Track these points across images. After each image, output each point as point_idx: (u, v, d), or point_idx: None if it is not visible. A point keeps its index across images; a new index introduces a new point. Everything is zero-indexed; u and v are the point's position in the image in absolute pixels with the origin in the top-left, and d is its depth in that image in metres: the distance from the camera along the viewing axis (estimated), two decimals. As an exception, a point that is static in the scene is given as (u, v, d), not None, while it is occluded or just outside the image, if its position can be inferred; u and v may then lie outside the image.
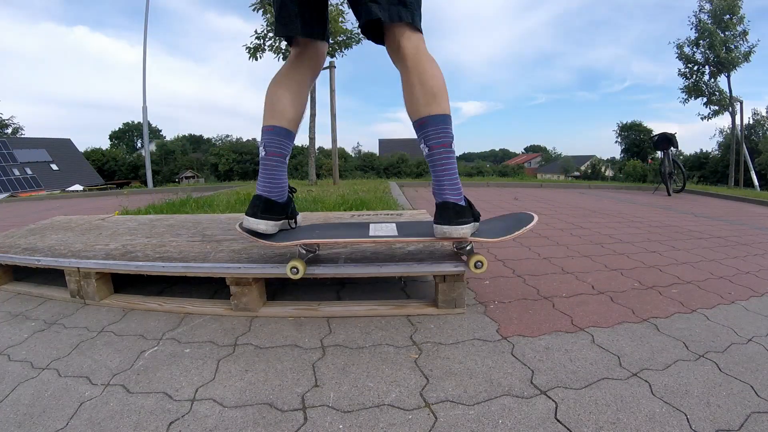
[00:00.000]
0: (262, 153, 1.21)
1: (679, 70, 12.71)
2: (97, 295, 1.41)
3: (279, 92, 1.22)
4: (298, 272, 1.18)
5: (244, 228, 1.21)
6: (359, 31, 6.51)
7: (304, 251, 1.23)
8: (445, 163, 1.13)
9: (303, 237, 1.20)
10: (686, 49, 12.48)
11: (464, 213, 1.13)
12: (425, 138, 1.13)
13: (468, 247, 1.22)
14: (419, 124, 1.14)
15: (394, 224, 1.35)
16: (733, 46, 11.68)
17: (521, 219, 1.28)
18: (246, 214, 1.20)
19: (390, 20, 1.12)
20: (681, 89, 12.73)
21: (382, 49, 1.25)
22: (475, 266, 1.16)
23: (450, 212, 1.11)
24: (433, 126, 1.11)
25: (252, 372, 0.97)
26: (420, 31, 1.18)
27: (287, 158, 1.25)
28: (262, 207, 1.19)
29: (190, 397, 0.88)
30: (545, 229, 2.73)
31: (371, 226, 1.33)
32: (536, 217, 1.26)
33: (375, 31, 1.20)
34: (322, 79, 10.68)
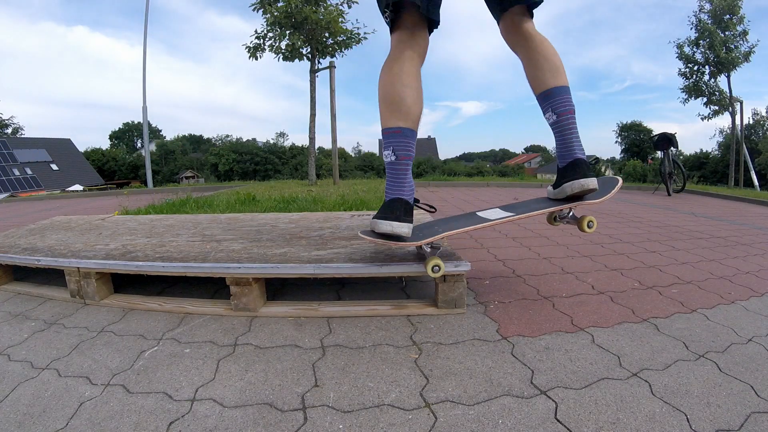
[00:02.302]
0: (391, 158, 1.16)
1: (679, 70, 12.72)
2: (97, 295, 1.41)
3: (402, 89, 1.16)
4: (439, 270, 1.16)
5: (381, 233, 1.14)
6: (359, 31, 6.43)
7: (428, 249, 1.22)
8: (573, 127, 1.25)
9: (428, 234, 1.18)
10: (686, 49, 12.49)
11: (590, 168, 1.27)
12: (552, 106, 1.25)
13: (570, 213, 1.36)
14: (546, 95, 1.26)
15: (498, 208, 1.40)
16: (733, 46, 11.68)
17: (608, 182, 1.40)
18: (381, 219, 1.14)
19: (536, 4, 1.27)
20: (681, 89, 12.74)
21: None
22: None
23: (584, 166, 1.24)
24: (559, 95, 1.24)
25: (252, 372, 0.97)
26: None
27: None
28: (403, 210, 1.16)
29: (190, 397, 0.88)
30: (545, 229, 2.73)
31: (479, 214, 1.36)
32: (620, 180, 1.40)
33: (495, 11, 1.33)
34: (322, 79, 10.67)
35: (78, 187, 23.91)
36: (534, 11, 1.31)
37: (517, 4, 1.27)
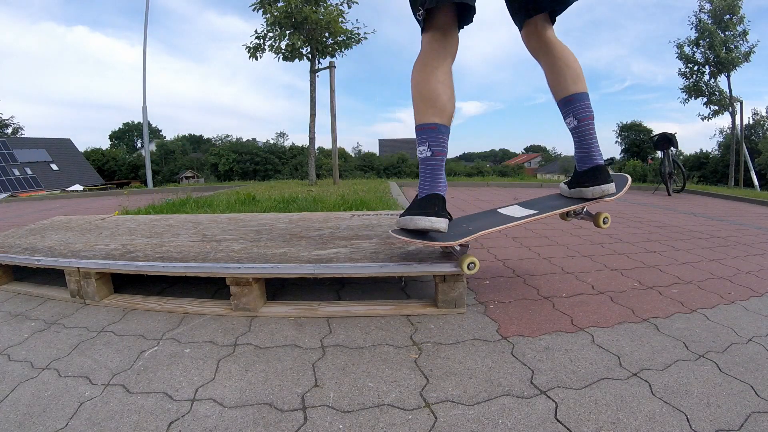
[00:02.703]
0: (426, 153, 1.16)
1: (679, 70, 12.73)
2: (97, 295, 1.41)
3: (437, 86, 1.16)
4: (474, 266, 1.16)
5: (419, 229, 1.14)
6: (359, 31, 6.44)
7: (458, 248, 1.22)
8: (592, 133, 1.30)
9: (458, 233, 1.19)
10: (686, 49, 12.49)
11: (609, 173, 1.33)
12: (574, 112, 1.29)
13: (584, 210, 1.42)
14: (568, 101, 1.30)
15: (517, 205, 1.43)
16: (733, 46, 11.69)
17: (618, 179, 1.45)
18: (419, 215, 1.14)
19: (559, 11, 1.32)
20: (681, 89, 12.74)
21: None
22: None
23: (605, 173, 1.31)
24: (580, 102, 1.28)
25: (252, 372, 0.97)
26: None
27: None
28: (441, 205, 1.16)
29: (190, 397, 0.88)
30: (545, 229, 2.73)
31: (501, 211, 1.39)
32: (630, 178, 1.45)
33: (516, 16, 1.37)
34: (322, 79, 10.67)
35: (78, 187, 23.91)
36: (556, 18, 1.36)
37: (542, 12, 1.31)
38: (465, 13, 1.22)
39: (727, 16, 11.61)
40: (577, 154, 1.36)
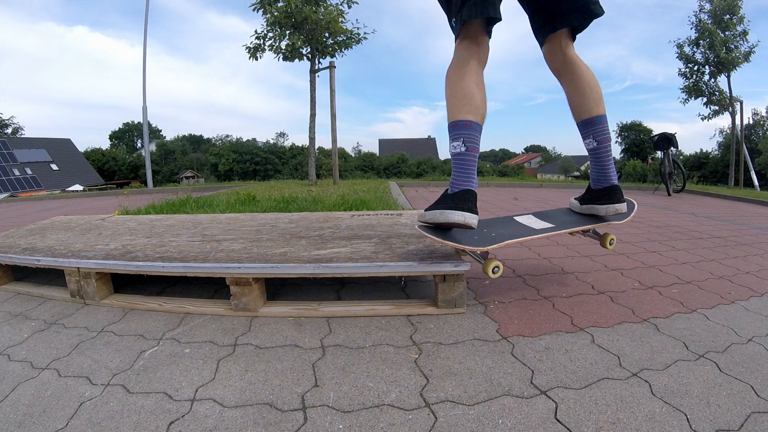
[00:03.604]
0: (461, 149, 1.17)
1: (679, 70, 12.74)
2: (97, 295, 1.41)
3: (472, 86, 1.20)
4: (499, 270, 1.19)
5: (451, 221, 1.15)
6: (359, 31, 6.43)
7: (479, 252, 1.23)
8: (610, 154, 1.37)
9: (482, 237, 1.22)
10: (686, 49, 12.50)
11: (622, 192, 1.41)
12: (594, 133, 1.35)
13: (592, 230, 1.47)
14: (589, 122, 1.35)
15: (531, 215, 1.48)
16: (733, 46, 11.70)
17: (628, 204, 1.52)
18: (452, 209, 1.15)
19: (582, 27, 1.34)
20: (681, 89, 12.76)
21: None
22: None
23: (618, 192, 1.38)
24: (600, 124, 1.34)
25: (252, 372, 0.97)
26: None
27: None
28: (473, 201, 1.17)
29: (190, 397, 0.88)
30: (545, 229, 2.73)
31: (518, 219, 1.43)
32: (636, 204, 1.53)
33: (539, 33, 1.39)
34: (322, 80, 10.67)
35: (78, 187, 23.92)
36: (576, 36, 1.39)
37: (565, 27, 1.33)
38: (492, 22, 1.27)
39: (727, 16, 11.63)
40: (593, 173, 1.42)
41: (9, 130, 33.38)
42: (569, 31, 1.36)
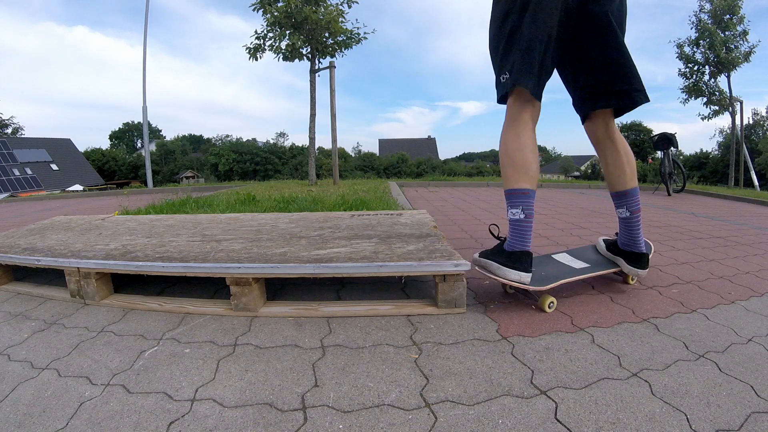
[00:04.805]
0: (519, 215, 1.26)
1: (679, 70, 12.74)
2: (97, 295, 1.41)
3: (529, 156, 1.26)
4: (554, 305, 1.31)
5: (506, 279, 1.26)
6: (359, 31, 6.43)
7: (531, 291, 1.33)
8: (640, 224, 1.47)
9: (538, 279, 1.32)
10: (686, 49, 12.50)
11: (648, 260, 1.50)
12: (627, 204, 1.46)
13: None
14: (624, 194, 1.46)
15: (565, 253, 1.62)
16: (733, 46, 11.70)
17: (647, 247, 1.61)
18: (510, 267, 1.25)
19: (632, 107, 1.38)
20: (681, 89, 12.76)
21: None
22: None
23: (645, 261, 1.48)
24: (634, 196, 1.45)
25: (252, 372, 0.97)
26: None
27: None
28: (530, 261, 1.27)
29: (190, 397, 0.88)
30: (545, 229, 2.73)
31: (555, 257, 1.56)
32: (653, 247, 1.58)
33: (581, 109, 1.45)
34: (322, 79, 10.66)
35: (78, 187, 23.92)
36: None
37: (610, 107, 1.39)
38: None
39: (727, 16, 11.62)
40: (622, 238, 1.52)
41: (9, 130, 33.38)
42: (612, 110, 1.41)
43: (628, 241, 1.50)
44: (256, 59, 6.70)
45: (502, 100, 1.33)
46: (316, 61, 6.88)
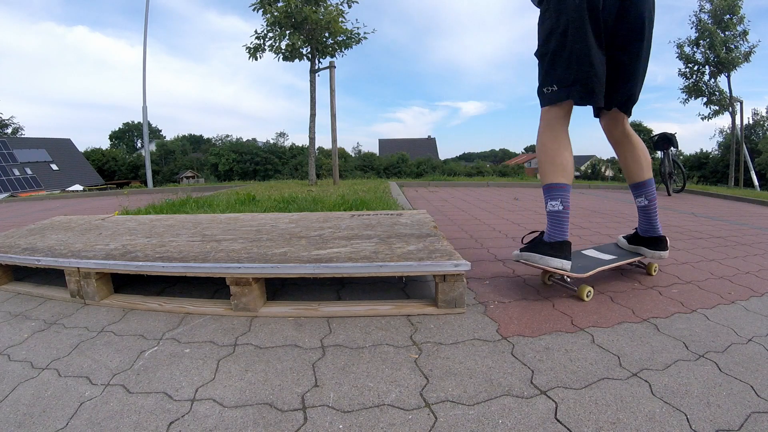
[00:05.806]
0: (558, 207, 1.38)
1: (680, 70, 12.73)
2: (97, 295, 1.41)
3: (567, 155, 1.40)
4: (591, 294, 1.39)
5: (549, 267, 1.37)
6: (359, 30, 6.42)
7: (568, 279, 1.44)
8: (657, 210, 1.65)
9: (578, 267, 1.44)
10: (686, 49, 12.49)
11: (667, 242, 1.66)
12: (646, 194, 1.62)
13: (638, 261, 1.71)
14: (641, 185, 1.62)
15: (592, 249, 1.75)
16: (733, 46, 11.69)
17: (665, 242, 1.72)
18: (552, 256, 1.36)
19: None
20: (681, 89, 12.75)
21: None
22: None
23: (664, 242, 1.64)
24: (650, 186, 1.62)
25: (252, 372, 0.97)
26: None
27: None
28: (569, 250, 1.38)
29: (190, 397, 0.88)
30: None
31: (585, 252, 1.68)
32: (668, 241, 1.69)
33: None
34: (322, 79, 10.66)
35: (78, 187, 23.92)
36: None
37: (619, 108, 1.53)
38: None
39: (727, 16, 11.61)
40: (642, 225, 1.68)
41: (9, 130, 33.38)
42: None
43: (648, 227, 1.66)
44: (256, 59, 6.70)
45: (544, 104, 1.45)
46: (316, 61, 6.88)
